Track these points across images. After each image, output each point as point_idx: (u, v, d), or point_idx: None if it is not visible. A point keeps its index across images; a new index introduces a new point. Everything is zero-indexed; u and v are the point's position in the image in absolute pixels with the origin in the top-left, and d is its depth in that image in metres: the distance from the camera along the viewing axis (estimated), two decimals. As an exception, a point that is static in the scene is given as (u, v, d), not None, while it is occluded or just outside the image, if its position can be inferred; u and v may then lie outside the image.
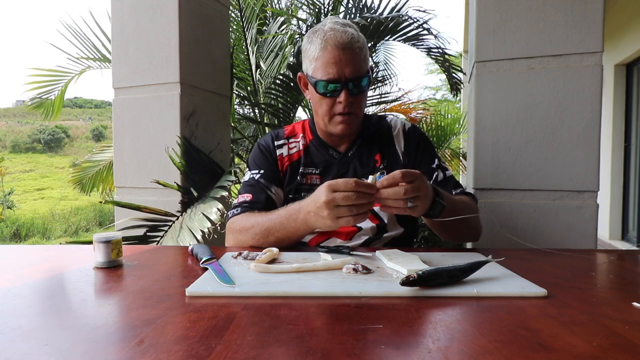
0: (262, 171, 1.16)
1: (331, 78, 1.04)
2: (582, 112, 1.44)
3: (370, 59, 1.16)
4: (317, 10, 2.76)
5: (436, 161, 1.17)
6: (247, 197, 1.13)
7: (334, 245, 0.99)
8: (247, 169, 1.21)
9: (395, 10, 2.52)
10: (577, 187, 1.45)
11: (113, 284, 0.70)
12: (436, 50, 2.59)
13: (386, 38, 2.57)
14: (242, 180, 1.21)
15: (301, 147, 1.18)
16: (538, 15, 1.47)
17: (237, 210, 1.11)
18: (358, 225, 1.09)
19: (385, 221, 1.11)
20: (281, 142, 1.20)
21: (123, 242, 0.85)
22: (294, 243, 1.01)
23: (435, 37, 2.45)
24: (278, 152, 1.18)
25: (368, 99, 3.89)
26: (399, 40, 2.59)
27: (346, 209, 0.81)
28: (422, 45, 2.57)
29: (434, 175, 1.15)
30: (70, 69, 3.17)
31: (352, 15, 2.63)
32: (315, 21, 2.65)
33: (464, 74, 2.99)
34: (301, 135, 1.20)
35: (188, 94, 1.74)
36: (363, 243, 1.10)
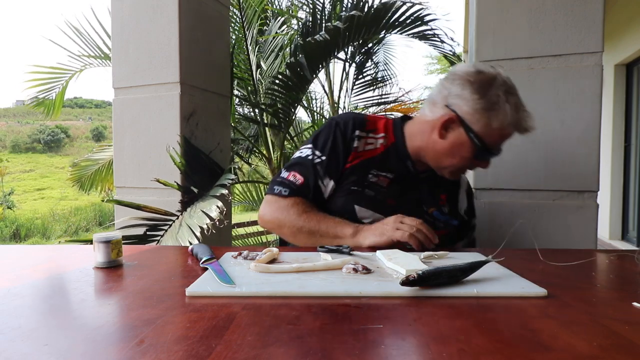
0: (324, 158, 1.09)
1: (493, 147, 1.05)
2: (582, 112, 1.44)
3: None
4: (317, 9, 2.75)
5: (475, 219, 1.28)
6: (298, 178, 1.08)
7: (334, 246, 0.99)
8: (307, 144, 1.14)
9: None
10: (577, 187, 1.45)
11: (113, 284, 0.70)
12: (435, 38, 2.58)
13: (384, 27, 2.53)
14: (297, 153, 1.14)
15: (381, 148, 1.13)
16: (538, 15, 1.47)
17: (285, 191, 1.08)
18: None
19: None
20: (360, 133, 1.12)
21: (123, 242, 0.85)
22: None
23: (433, 29, 2.43)
24: (353, 144, 1.11)
25: (369, 99, 3.91)
26: (398, 31, 2.55)
27: (407, 226, 0.94)
28: (422, 34, 2.55)
29: (472, 232, 1.27)
30: (71, 66, 3.15)
31: (349, 10, 2.61)
32: (312, 19, 2.63)
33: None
34: (382, 134, 1.14)
35: (188, 94, 1.74)
36: None
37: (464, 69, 1.05)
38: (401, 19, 2.39)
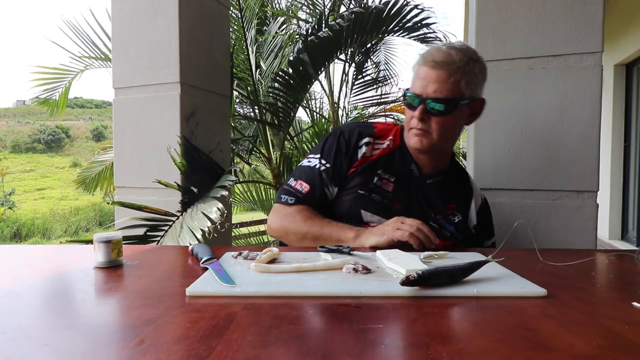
0: (328, 165, 1.13)
1: (414, 92, 1.05)
2: (582, 112, 1.44)
3: (479, 88, 1.09)
4: (317, 10, 2.76)
5: (492, 239, 1.24)
6: (304, 187, 1.12)
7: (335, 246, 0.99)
8: (314, 153, 1.17)
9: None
10: (577, 187, 1.45)
11: (113, 284, 0.70)
12: (437, 41, 2.59)
13: (387, 29, 2.54)
14: (305, 161, 1.18)
15: (386, 150, 1.15)
16: (538, 15, 1.47)
17: (291, 200, 1.12)
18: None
19: None
20: (366, 140, 1.15)
21: (123, 242, 0.85)
22: None
23: (434, 31, 2.45)
24: (359, 151, 1.13)
25: (369, 99, 3.92)
26: (400, 34, 2.57)
27: (408, 225, 0.95)
28: (423, 37, 2.56)
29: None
30: (73, 67, 3.23)
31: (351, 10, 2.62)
32: (316, 22, 2.65)
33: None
34: (390, 137, 1.17)
35: (188, 94, 1.74)
36: None
37: None
38: (403, 21, 2.40)
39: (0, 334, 0.49)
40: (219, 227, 1.45)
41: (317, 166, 1.14)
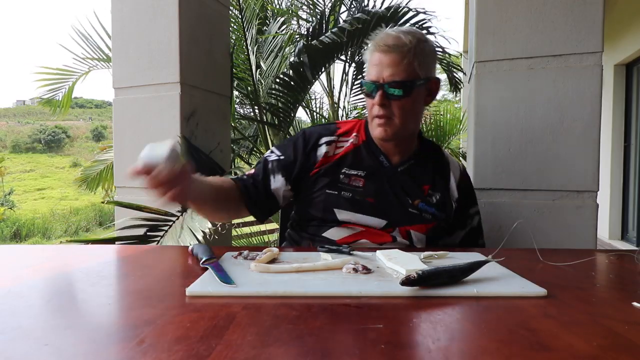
0: (281, 157, 1.16)
1: (371, 79, 1.05)
2: (582, 112, 1.44)
3: (432, 68, 1.10)
4: (317, 10, 2.76)
5: (476, 207, 1.22)
6: (251, 170, 1.18)
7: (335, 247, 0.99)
8: (275, 147, 1.21)
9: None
10: (577, 187, 1.45)
11: (113, 284, 0.71)
12: (437, 48, 2.61)
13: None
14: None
15: (350, 147, 1.15)
16: (538, 15, 1.47)
17: (234, 178, 1.17)
18: (393, 234, 1.10)
19: (415, 244, 1.12)
20: (330, 139, 1.16)
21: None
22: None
23: (435, 35, 2.46)
24: (319, 150, 1.14)
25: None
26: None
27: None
28: None
29: (472, 220, 1.20)
30: (76, 68, 3.28)
31: (353, 13, 2.63)
32: (318, 22, 2.65)
33: (464, 74, 3.00)
34: (354, 134, 1.17)
35: (188, 94, 1.74)
36: None
37: None
38: (405, 25, 2.40)
39: (0, 334, 0.49)
40: (219, 228, 1.45)
41: (268, 156, 1.18)
